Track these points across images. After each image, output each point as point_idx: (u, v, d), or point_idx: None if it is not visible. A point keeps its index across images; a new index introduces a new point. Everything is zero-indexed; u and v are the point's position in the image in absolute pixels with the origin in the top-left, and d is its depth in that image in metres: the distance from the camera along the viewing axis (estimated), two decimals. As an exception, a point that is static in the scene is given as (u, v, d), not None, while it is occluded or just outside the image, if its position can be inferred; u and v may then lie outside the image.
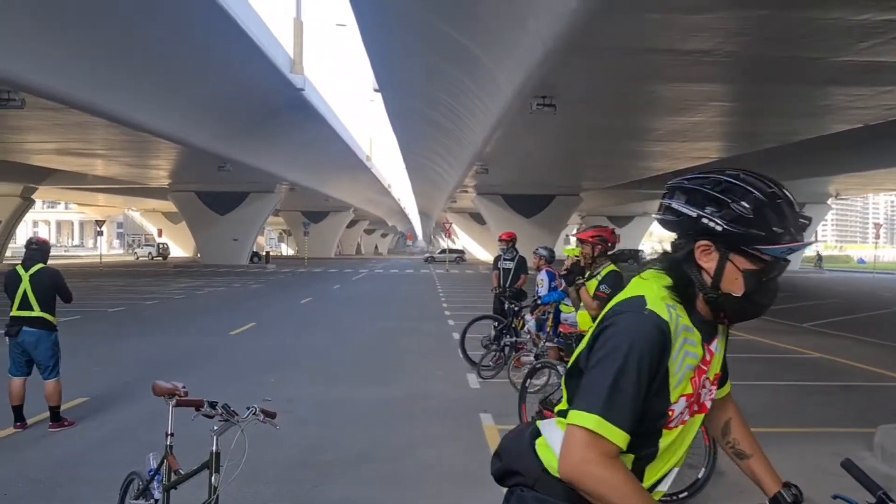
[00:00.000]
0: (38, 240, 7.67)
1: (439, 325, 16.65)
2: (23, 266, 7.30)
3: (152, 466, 3.69)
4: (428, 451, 6.59)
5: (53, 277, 7.35)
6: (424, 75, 22.18)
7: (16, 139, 30.05)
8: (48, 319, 7.25)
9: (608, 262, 6.22)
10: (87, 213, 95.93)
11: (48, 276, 7.32)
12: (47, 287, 7.26)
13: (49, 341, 7.23)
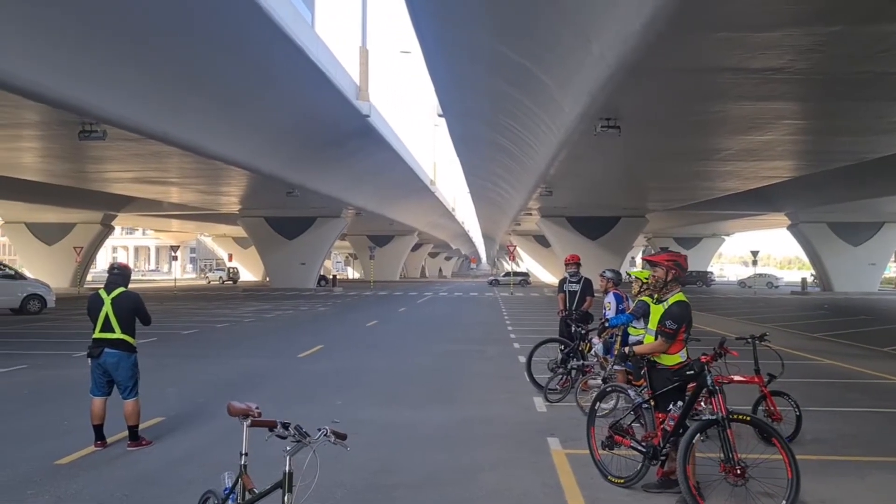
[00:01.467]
0: (120, 265, 7.98)
1: (504, 348, 16.58)
2: (105, 290, 7.60)
3: (227, 485, 3.78)
4: (494, 475, 6.56)
5: (133, 301, 7.62)
6: (488, 99, 22.32)
7: (97, 169, 31.42)
8: (128, 341, 7.52)
9: (678, 289, 6.07)
10: (163, 239, 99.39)
11: (129, 299, 7.60)
12: (127, 310, 7.54)
13: (129, 362, 7.50)
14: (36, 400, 10.15)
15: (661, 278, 6.02)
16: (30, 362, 13.70)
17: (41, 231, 50.43)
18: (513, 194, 42.91)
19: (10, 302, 26.56)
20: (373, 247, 61.27)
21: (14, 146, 24.87)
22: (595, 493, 5.98)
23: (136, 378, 7.61)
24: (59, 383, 11.54)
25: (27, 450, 7.32)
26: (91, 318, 7.56)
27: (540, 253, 72.57)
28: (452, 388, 11.26)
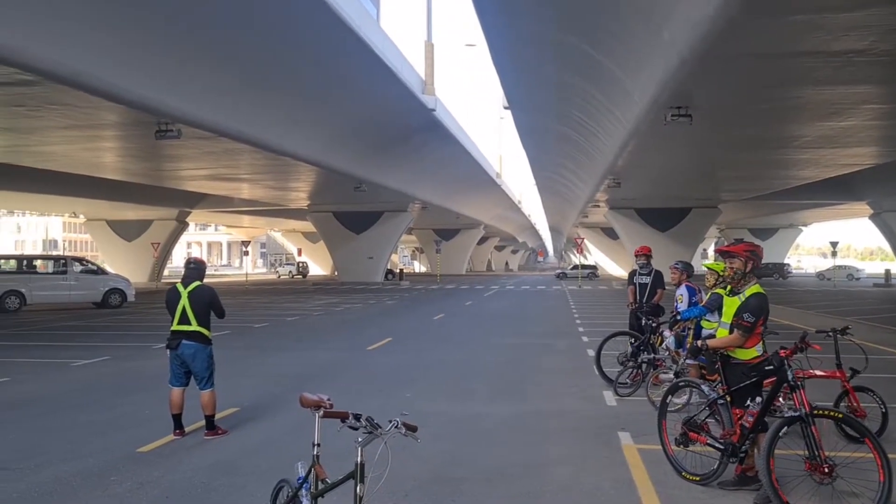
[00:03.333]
0: (196, 260, 8.19)
1: (573, 341, 16.42)
2: (182, 284, 7.82)
3: (301, 475, 3.84)
4: (563, 469, 6.49)
5: (209, 294, 7.83)
6: (554, 91, 22.08)
7: (172, 167, 32.44)
8: (204, 334, 7.73)
9: (754, 281, 5.88)
10: (234, 234, 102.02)
11: (204, 293, 7.81)
12: (203, 303, 7.74)
13: (205, 354, 7.71)
14: (118, 390, 10.54)
15: (740, 269, 5.82)
16: (112, 354, 14.25)
17: (121, 228, 52.36)
18: (580, 186, 42.42)
19: (93, 296, 27.68)
20: (439, 240, 61.53)
21: (95, 146, 25.86)
22: (669, 490, 5.85)
23: (212, 369, 7.80)
24: (140, 374, 11.96)
25: (111, 438, 7.60)
26: (169, 310, 7.80)
27: (608, 245, 71.61)
28: (521, 382, 11.20)
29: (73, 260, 29.38)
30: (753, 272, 5.83)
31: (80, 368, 12.55)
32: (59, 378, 11.64)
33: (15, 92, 16.80)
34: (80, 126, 21.35)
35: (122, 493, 5.80)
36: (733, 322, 5.76)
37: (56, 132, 22.37)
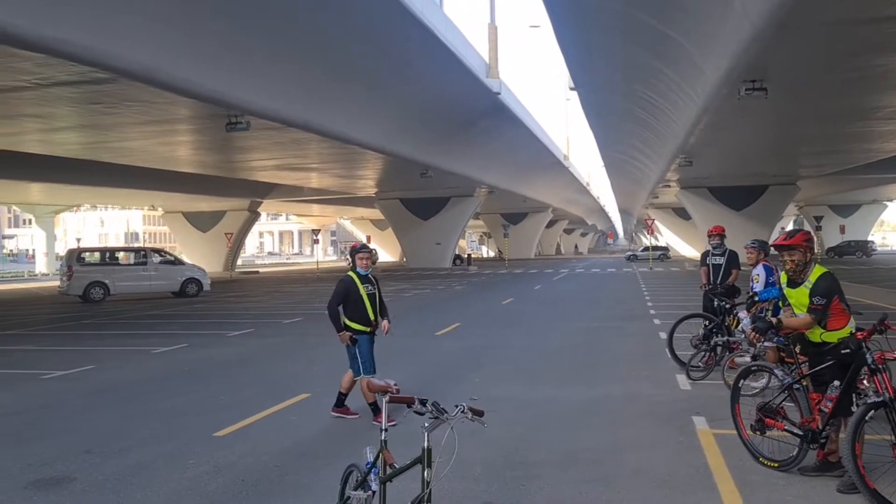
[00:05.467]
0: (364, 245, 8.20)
1: (644, 324, 16.11)
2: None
3: (369, 459, 3.85)
4: (636, 454, 6.37)
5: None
6: (622, 69, 21.63)
7: (243, 158, 33.21)
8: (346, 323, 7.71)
9: (814, 264, 5.65)
10: (305, 223, 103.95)
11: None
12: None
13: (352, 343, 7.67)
14: (196, 376, 10.86)
15: (801, 261, 5.60)
16: (189, 341, 14.70)
17: (196, 219, 53.94)
18: (650, 166, 41.56)
19: (171, 286, 28.62)
20: (506, 225, 61.36)
21: (170, 141, 26.67)
22: (746, 476, 5.67)
23: (355, 357, 7.67)
24: (216, 361, 12.30)
25: (189, 422, 7.83)
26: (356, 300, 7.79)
27: (680, 226, 70.04)
28: (591, 366, 11.06)
29: (153, 251, 30.44)
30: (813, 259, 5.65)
31: (159, 356, 12.99)
32: (140, 365, 12.08)
33: (92, 90, 17.42)
34: (155, 121, 22.03)
35: (200, 475, 5.97)
36: (808, 308, 5.54)
37: (133, 128, 23.16)
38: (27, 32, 12.05)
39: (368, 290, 7.71)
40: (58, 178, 35.59)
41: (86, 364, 11.97)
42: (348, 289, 7.66)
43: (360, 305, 7.63)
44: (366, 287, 7.71)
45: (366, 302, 7.63)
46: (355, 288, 7.65)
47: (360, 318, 7.64)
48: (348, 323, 7.65)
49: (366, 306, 7.63)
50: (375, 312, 7.72)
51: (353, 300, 7.65)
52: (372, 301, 7.70)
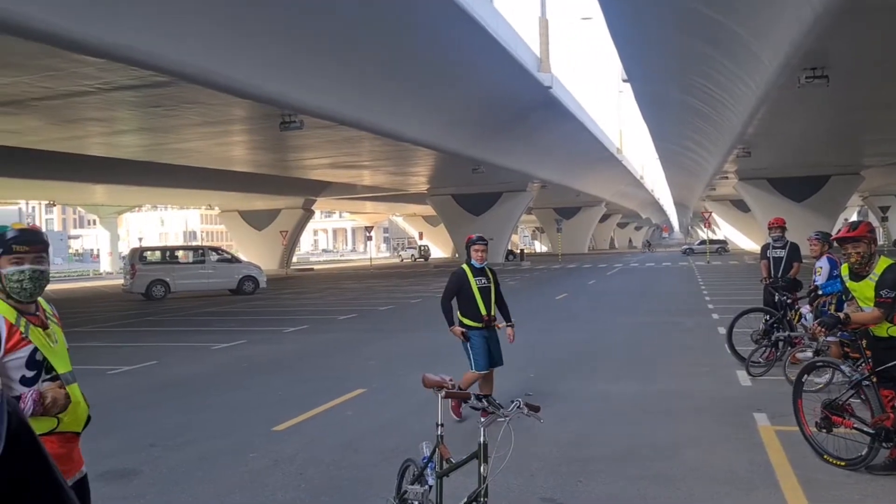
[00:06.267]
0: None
1: (702, 319, 15.82)
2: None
3: (426, 454, 3.87)
4: (695, 451, 6.26)
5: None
6: (676, 60, 21.24)
7: (297, 157, 33.67)
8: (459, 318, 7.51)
9: (878, 257, 5.46)
10: (358, 221, 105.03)
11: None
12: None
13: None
14: (254, 372, 11.07)
15: (866, 252, 5.42)
16: (247, 338, 14.99)
17: (252, 218, 54.87)
18: (706, 158, 40.73)
19: (228, 283, 29.22)
20: (559, 219, 60.81)
21: (225, 141, 27.21)
22: (810, 474, 5.51)
23: (468, 353, 7.43)
24: (273, 357, 12.52)
25: (248, 417, 7.99)
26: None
27: (738, 218, 68.51)
28: (648, 361, 10.91)
29: (210, 250, 31.14)
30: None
31: (218, 352, 13.28)
32: (200, 361, 12.37)
33: (152, 93, 17.88)
34: (211, 122, 22.51)
35: (260, 469, 6.08)
36: (875, 302, 5.37)
37: (191, 129, 23.70)
38: (89, 38, 12.43)
39: (481, 284, 7.40)
40: (120, 179, 36.66)
41: (149, 360, 12.32)
42: (460, 282, 7.41)
43: (471, 300, 7.36)
44: (478, 280, 7.40)
45: (477, 296, 7.33)
46: (467, 281, 7.37)
47: (472, 313, 7.37)
48: (461, 318, 7.41)
49: (477, 301, 7.33)
50: (489, 307, 7.38)
51: (465, 294, 7.39)
52: (484, 295, 7.37)
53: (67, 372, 2.96)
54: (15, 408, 1.49)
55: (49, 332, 2.95)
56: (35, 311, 2.96)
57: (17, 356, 2.80)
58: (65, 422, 2.90)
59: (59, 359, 2.93)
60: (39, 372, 2.85)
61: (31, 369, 2.82)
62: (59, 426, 2.88)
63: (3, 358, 2.78)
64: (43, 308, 3.03)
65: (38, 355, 2.84)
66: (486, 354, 7.35)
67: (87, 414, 3.08)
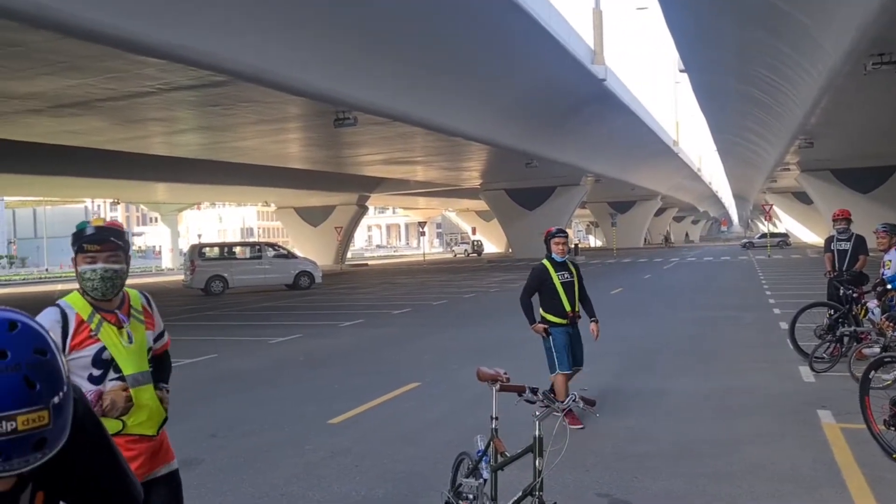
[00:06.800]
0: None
1: (762, 314, 15.43)
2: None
3: (480, 447, 3.87)
4: (756, 448, 6.11)
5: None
6: (735, 49, 20.75)
7: (351, 153, 34.01)
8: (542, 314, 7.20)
9: None
10: (411, 216, 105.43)
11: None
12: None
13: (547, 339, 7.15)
14: (310, 365, 11.23)
15: None
16: (304, 332, 15.21)
17: (307, 214, 55.63)
18: (766, 149, 39.73)
19: (284, 279, 29.68)
20: (614, 213, 60.11)
21: (281, 139, 27.66)
22: (878, 472, 5.33)
23: (550, 351, 7.10)
24: (329, 351, 12.68)
25: (304, 410, 8.11)
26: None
27: (800, 211, 66.68)
28: (706, 357, 10.70)
29: (267, 246, 31.66)
30: None
31: (276, 346, 13.50)
32: (258, 354, 12.60)
33: (210, 93, 18.28)
34: (267, 120, 22.90)
35: (317, 461, 6.17)
36: None
37: (247, 128, 24.15)
38: (151, 39, 12.76)
39: (564, 279, 7.04)
40: (180, 177, 37.60)
41: (209, 353, 12.60)
42: (541, 278, 7.10)
43: (554, 295, 7.01)
44: (561, 275, 7.05)
45: (560, 292, 6.98)
46: (548, 276, 7.05)
47: (555, 309, 7.02)
48: (543, 314, 7.10)
49: (560, 297, 6.98)
50: (573, 303, 7.02)
51: (547, 290, 7.05)
52: (568, 291, 7.00)
53: (138, 373, 2.86)
54: (81, 395, 1.54)
55: (124, 330, 2.87)
56: (115, 308, 2.89)
57: (83, 354, 2.77)
58: (129, 424, 2.82)
59: (129, 359, 2.84)
60: (106, 371, 2.80)
61: (97, 368, 2.79)
62: (125, 429, 2.81)
63: (69, 355, 2.75)
64: (130, 304, 2.97)
65: (106, 354, 2.79)
66: (569, 353, 7.02)
67: (162, 416, 2.98)
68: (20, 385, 1.17)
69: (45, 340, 1.26)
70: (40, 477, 1.37)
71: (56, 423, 1.22)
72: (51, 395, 1.21)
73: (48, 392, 1.21)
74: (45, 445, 1.21)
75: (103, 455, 1.60)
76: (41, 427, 1.19)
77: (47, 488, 1.45)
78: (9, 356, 1.18)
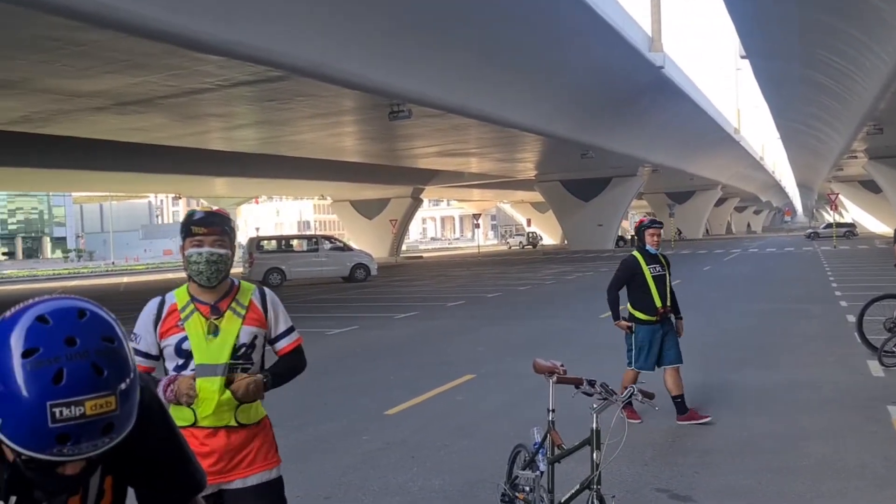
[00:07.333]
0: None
1: (828, 306, 14.96)
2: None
3: (536, 440, 3.83)
4: (823, 444, 5.92)
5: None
6: (799, 33, 20.11)
7: (405, 146, 34.15)
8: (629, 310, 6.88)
9: None
10: (466, 208, 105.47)
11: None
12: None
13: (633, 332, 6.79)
14: (366, 357, 11.34)
15: None
16: (360, 324, 15.36)
17: (362, 207, 56.13)
18: (832, 136, 38.45)
19: (341, 271, 29.99)
20: (671, 204, 59.14)
21: (336, 132, 27.93)
22: (955, 472, 5.11)
23: (630, 347, 6.78)
24: (385, 342, 12.77)
25: (361, 401, 8.18)
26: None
27: (869, 200, 64.46)
28: (770, 350, 10.43)
29: (324, 238, 32.05)
30: None
31: (333, 337, 13.66)
32: (316, 346, 12.73)
33: (267, 88, 18.56)
34: (323, 114, 23.15)
35: (373, 451, 6.22)
36: None
37: (304, 122, 24.46)
38: (211, 38, 13.02)
39: (656, 272, 6.60)
40: (238, 172, 38.33)
41: (268, 344, 12.81)
42: (632, 270, 6.66)
43: (644, 290, 6.57)
44: (652, 268, 6.60)
45: (651, 286, 6.54)
46: (640, 269, 6.60)
47: (645, 305, 6.58)
48: (631, 311, 6.69)
49: (651, 291, 6.54)
50: (664, 298, 6.58)
51: (638, 284, 6.62)
52: (659, 285, 6.57)
53: (208, 364, 2.79)
54: (147, 383, 1.58)
55: (211, 322, 2.82)
56: (217, 300, 2.86)
57: (167, 343, 2.81)
58: (199, 416, 2.79)
59: (204, 350, 2.80)
60: (187, 361, 2.80)
61: (179, 357, 2.81)
62: (197, 422, 2.78)
63: (160, 343, 2.82)
64: (235, 297, 2.90)
65: (187, 344, 2.79)
66: (650, 351, 6.59)
67: (232, 408, 2.82)
68: (88, 371, 1.20)
69: (113, 328, 1.29)
70: (108, 461, 1.41)
71: (123, 408, 1.25)
72: (118, 381, 1.24)
73: (115, 378, 1.24)
74: (112, 430, 1.24)
75: (168, 441, 1.64)
76: (108, 412, 1.22)
77: (115, 473, 1.50)
78: (78, 343, 1.21)
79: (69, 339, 1.21)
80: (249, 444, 2.86)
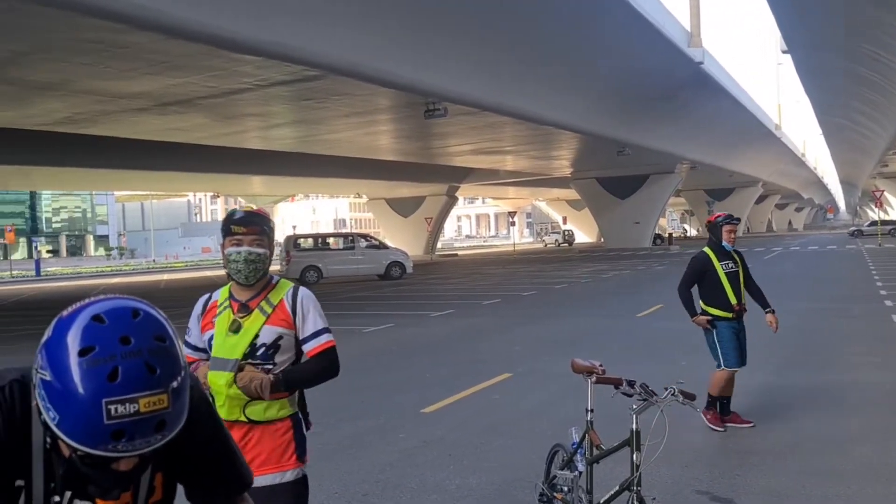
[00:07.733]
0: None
1: (873, 306, 14.63)
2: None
3: (575, 440, 3.81)
4: (867, 447, 5.79)
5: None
6: (843, 26, 19.68)
7: (440, 144, 34.16)
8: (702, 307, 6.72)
9: None
10: (501, 206, 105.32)
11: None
12: None
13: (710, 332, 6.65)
14: (402, 354, 11.37)
15: None
16: (396, 321, 15.41)
17: (398, 205, 56.29)
18: (877, 131, 37.58)
19: (376, 269, 30.11)
20: (710, 201, 58.32)
21: (371, 131, 28.04)
22: None
23: (714, 346, 6.62)
24: (421, 341, 12.80)
25: (398, 399, 8.21)
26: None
27: (914, 197, 62.79)
28: (812, 350, 10.25)
29: (359, 236, 32.23)
30: None
31: (369, 335, 13.73)
32: (352, 343, 12.81)
33: (303, 87, 18.70)
34: (359, 113, 23.25)
35: (410, 448, 6.24)
36: None
37: (339, 120, 24.60)
38: (249, 38, 13.16)
39: (728, 269, 6.50)
40: (275, 170, 38.72)
41: (305, 341, 12.92)
42: (703, 268, 6.58)
43: (717, 287, 6.46)
44: (725, 265, 6.50)
45: (724, 282, 6.43)
46: (711, 266, 6.52)
47: (719, 301, 6.46)
48: (705, 308, 6.58)
49: (725, 288, 6.43)
50: (738, 295, 6.46)
51: (710, 281, 6.52)
52: (733, 281, 6.47)
53: (220, 357, 2.84)
54: (196, 382, 1.61)
55: (236, 319, 2.87)
56: (250, 298, 2.90)
57: (206, 337, 2.95)
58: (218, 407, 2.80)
59: (222, 345, 2.86)
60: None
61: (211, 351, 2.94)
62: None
63: (203, 336, 2.96)
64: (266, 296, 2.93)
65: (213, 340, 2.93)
66: (738, 347, 6.48)
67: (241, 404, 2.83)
68: (142, 369, 1.24)
69: (165, 328, 1.32)
70: (159, 459, 1.44)
71: (174, 406, 1.28)
72: (169, 379, 1.27)
73: (167, 376, 1.27)
74: (164, 427, 1.27)
75: (215, 439, 1.68)
76: (161, 410, 1.25)
77: (165, 470, 1.53)
78: (132, 342, 1.25)
79: (124, 339, 1.25)
80: (261, 443, 2.86)
